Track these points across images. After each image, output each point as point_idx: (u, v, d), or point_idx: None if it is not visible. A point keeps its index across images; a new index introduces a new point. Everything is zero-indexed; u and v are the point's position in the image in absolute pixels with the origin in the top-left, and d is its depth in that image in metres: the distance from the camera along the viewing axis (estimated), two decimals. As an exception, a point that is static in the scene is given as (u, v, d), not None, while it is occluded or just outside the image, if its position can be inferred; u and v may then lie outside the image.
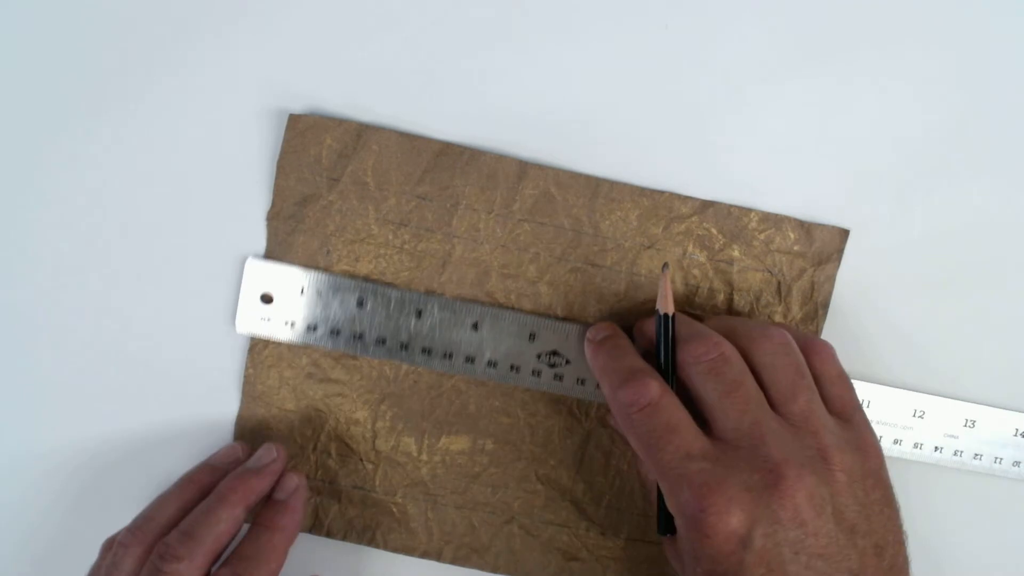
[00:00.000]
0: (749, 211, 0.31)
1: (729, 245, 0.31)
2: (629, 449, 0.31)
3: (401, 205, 0.31)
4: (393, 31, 0.31)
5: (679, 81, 0.31)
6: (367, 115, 0.31)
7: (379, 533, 0.32)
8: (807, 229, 0.32)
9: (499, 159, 0.31)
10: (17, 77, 0.31)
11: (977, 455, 0.32)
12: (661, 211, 0.31)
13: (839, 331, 0.32)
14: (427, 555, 0.32)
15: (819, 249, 0.32)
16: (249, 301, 0.31)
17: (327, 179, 0.31)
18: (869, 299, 0.32)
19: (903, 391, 0.32)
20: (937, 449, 0.32)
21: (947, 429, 0.32)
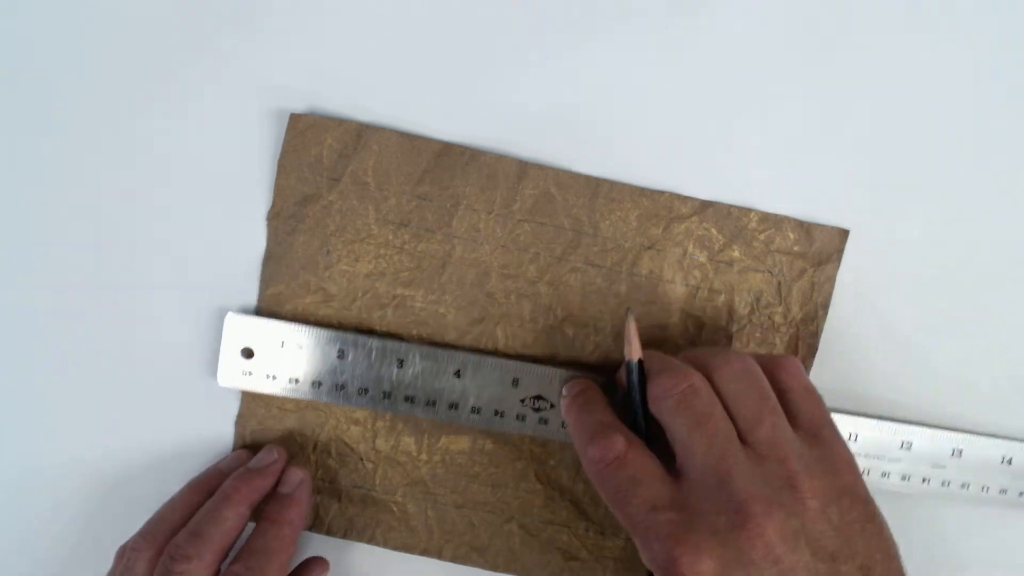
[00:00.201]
0: (749, 211, 0.31)
1: (729, 245, 0.31)
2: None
3: (401, 205, 0.31)
4: (393, 31, 0.31)
5: (679, 81, 0.31)
6: (367, 115, 0.31)
7: (379, 532, 0.32)
8: (807, 229, 0.32)
9: (499, 159, 0.31)
10: (15, 81, 0.31)
11: (964, 484, 0.32)
12: (661, 211, 0.31)
13: (838, 332, 0.32)
14: (427, 553, 0.32)
15: (819, 249, 0.32)
16: (230, 355, 0.31)
17: (327, 179, 0.31)
18: (868, 299, 0.32)
19: (889, 423, 0.32)
20: (925, 480, 0.32)
21: (934, 460, 0.32)
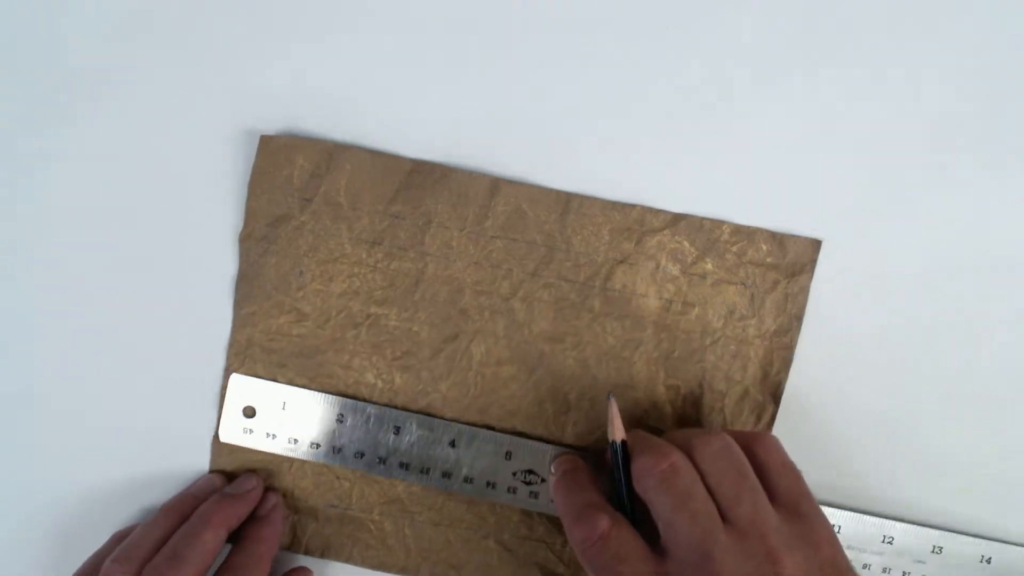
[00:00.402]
0: (721, 223, 0.31)
1: (702, 258, 0.31)
2: None
3: (374, 224, 0.31)
4: (363, 50, 0.31)
5: (649, 96, 0.31)
6: (339, 134, 0.31)
7: (356, 550, 0.32)
8: (780, 240, 0.32)
9: (471, 176, 0.31)
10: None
11: None
12: (633, 225, 0.31)
13: (813, 342, 0.32)
14: (405, 571, 0.32)
15: (792, 260, 0.32)
16: (232, 414, 0.32)
17: (299, 199, 0.31)
18: (842, 309, 0.32)
19: (872, 518, 0.32)
20: (905, 574, 0.32)
21: (915, 555, 0.32)
